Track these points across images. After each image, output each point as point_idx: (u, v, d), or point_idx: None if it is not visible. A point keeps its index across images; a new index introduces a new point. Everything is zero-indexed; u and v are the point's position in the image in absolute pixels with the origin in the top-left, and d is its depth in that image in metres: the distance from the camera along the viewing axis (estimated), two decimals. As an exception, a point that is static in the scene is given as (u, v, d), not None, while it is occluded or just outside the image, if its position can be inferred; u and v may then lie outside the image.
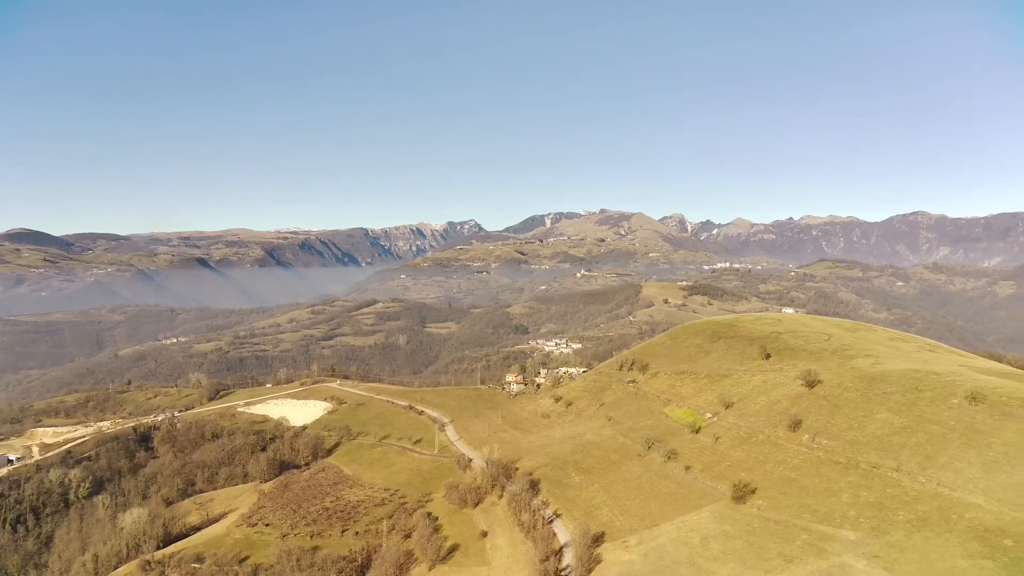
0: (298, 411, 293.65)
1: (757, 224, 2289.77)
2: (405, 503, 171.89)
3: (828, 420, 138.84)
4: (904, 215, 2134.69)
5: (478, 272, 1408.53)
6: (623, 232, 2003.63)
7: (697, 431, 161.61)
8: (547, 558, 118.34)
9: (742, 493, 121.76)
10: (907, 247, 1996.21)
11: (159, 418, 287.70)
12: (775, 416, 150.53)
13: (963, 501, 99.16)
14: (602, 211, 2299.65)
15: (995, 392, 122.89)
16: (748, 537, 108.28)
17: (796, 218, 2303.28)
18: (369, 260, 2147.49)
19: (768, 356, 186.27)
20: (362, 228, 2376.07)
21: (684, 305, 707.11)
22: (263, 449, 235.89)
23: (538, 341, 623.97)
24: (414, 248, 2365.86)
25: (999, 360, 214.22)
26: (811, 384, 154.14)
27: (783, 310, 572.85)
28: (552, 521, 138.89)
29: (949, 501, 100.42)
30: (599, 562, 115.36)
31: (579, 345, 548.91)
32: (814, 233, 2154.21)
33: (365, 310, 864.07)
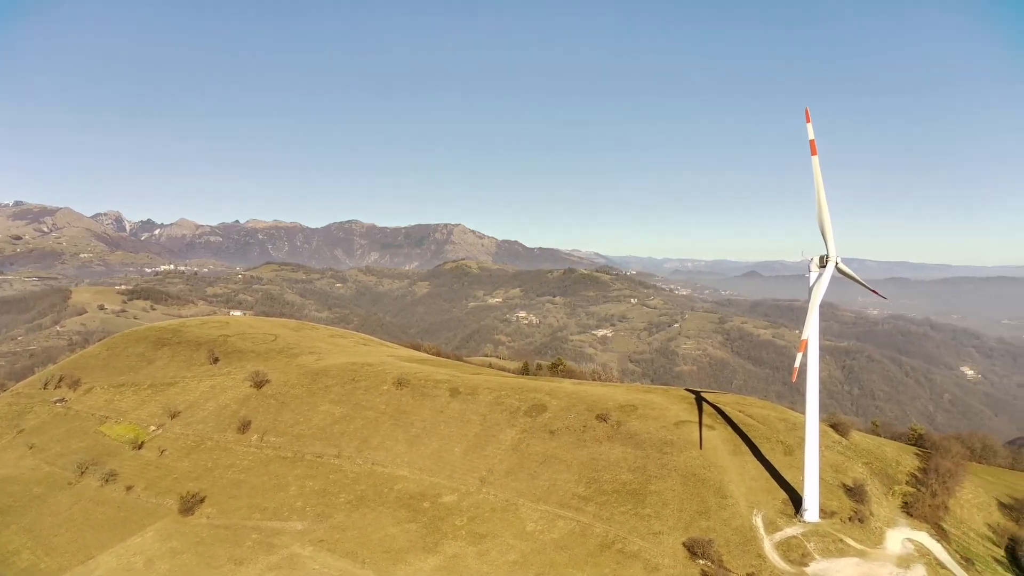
0: None
1: (203, 226, 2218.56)
2: None
3: (276, 418, 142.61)
4: (341, 223, 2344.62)
5: None
6: (46, 229, 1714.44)
7: (140, 447, 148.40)
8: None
9: (190, 504, 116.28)
10: (344, 252, 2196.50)
11: None
12: (224, 420, 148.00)
13: (393, 475, 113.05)
14: (17, 203, 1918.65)
15: (416, 377, 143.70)
16: (198, 548, 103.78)
17: (243, 221, 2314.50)
18: None
19: (217, 360, 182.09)
20: None
21: (124, 311, 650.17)
22: None
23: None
24: None
25: (418, 349, 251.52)
26: (259, 384, 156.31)
27: (232, 313, 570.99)
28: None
29: (382, 477, 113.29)
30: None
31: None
32: (260, 237, 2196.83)
33: None
